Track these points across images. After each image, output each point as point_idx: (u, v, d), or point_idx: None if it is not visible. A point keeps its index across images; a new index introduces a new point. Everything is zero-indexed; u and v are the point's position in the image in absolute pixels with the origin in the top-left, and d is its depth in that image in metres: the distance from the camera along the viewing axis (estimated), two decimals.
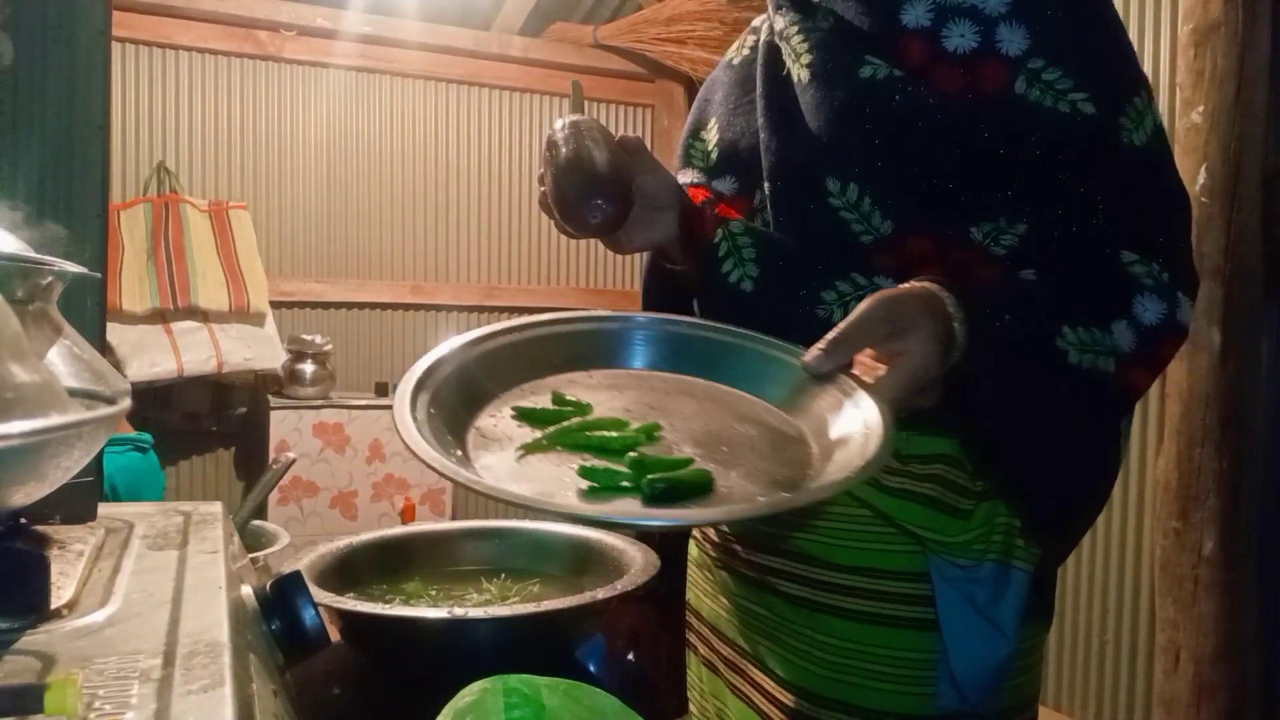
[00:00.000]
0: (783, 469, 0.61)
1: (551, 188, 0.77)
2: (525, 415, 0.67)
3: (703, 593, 0.94)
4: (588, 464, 0.59)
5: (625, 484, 0.57)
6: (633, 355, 0.76)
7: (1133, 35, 2.25)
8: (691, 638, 0.97)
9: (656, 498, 0.56)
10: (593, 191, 0.74)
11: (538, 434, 0.64)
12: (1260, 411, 1.83)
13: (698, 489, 0.57)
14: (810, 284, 0.75)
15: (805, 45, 0.79)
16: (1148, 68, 2.24)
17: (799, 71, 0.79)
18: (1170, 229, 0.75)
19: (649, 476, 0.56)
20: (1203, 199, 1.81)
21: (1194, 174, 1.83)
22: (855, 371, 0.65)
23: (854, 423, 0.61)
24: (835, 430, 0.62)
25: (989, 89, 0.72)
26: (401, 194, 3.72)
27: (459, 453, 0.61)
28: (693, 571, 0.97)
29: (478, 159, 3.85)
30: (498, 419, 0.67)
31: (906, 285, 0.68)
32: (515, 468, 0.61)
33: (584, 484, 0.58)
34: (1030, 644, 0.78)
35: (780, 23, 0.83)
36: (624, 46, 3.77)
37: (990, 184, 0.72)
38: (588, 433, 0.63)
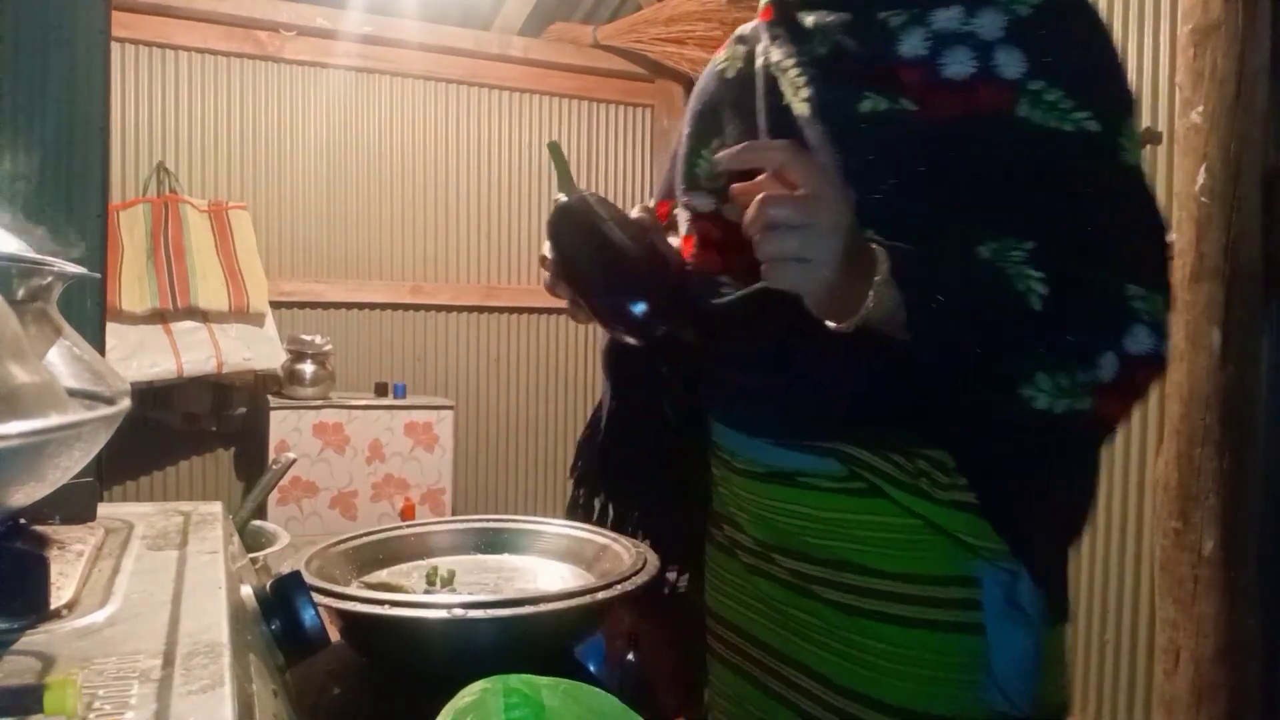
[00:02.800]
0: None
1: (581, 292, 0.78)
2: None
3: (728, 597, 0.93)
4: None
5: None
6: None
7: (1132, 35, 2.25)
8: (714, 643, 0.96)
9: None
10: (638, 296, 0.74)
11: None
12: (1260, 411, 1.83)
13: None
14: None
15: (803, 79, 0.79)
16: (1148, 68, 2.24)
17: (799, 106, 0.79)
18: (1162, 251, 0.76)
19: None
20: (1202, 199, 1.81)
21: (1194, 174, 1.83)
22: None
23: None
24: None
25: (990, 113, 0.72)
26: (401, 194, 3.72)
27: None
28: (716, 576, 0.96)
29: (478, 159, 3.85)
30: None
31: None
32: None
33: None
34: (1053, 641, 0.79)
35: (776, 54, 0.82)
36: (624, 46, 3.77)
37: (996, 206, 0.72)
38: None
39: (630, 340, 0.78)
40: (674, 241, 0.93)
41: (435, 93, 3.77)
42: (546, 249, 0.83)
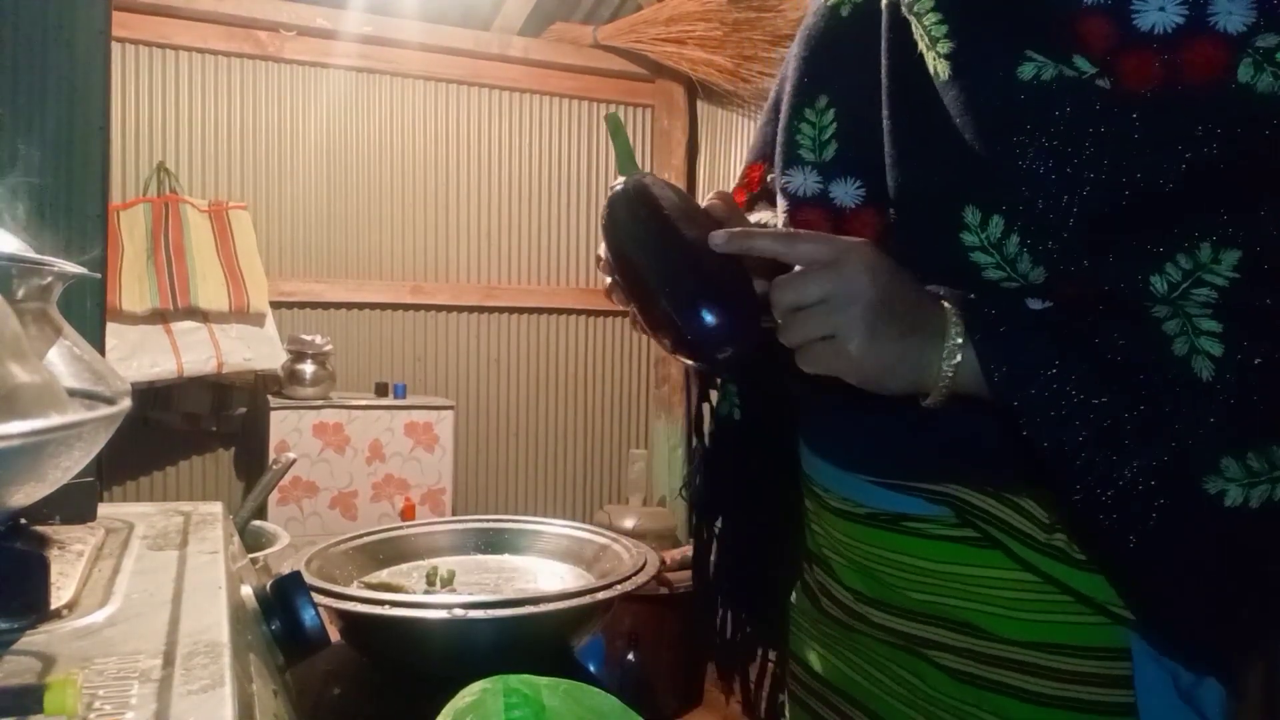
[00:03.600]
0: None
1: (639, 299, 0.63)
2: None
3: (820, 645, 0.80)
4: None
5: None
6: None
7: None
8: (798, 689, 0.84)
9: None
10: (710, 308, 0.58)
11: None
12: None
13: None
14: None
15: (944, 28, 0.61)
16: None
17: (935, 63, 0.61)
18: None
19: None
20: None
21: None
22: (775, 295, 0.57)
23: None
24: None
25: (1201, 79, 0.55)
26: (401, 194, 3.72)
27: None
28: (805, 620, 0.84)
29: (478, 159, 3.85)
30: None
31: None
32: None
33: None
34: None
35: None
36: (624, 46, 3.77)
37: (1194, 205, 0.55)
38: None
39: (687, 361, 0.65)
40: (767, 219, 0.78)
41: (435, 93, 3.77)
42: (602, 246, 0.69)
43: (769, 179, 0.81)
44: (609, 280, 0.69)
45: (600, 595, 0.75)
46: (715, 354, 0.60)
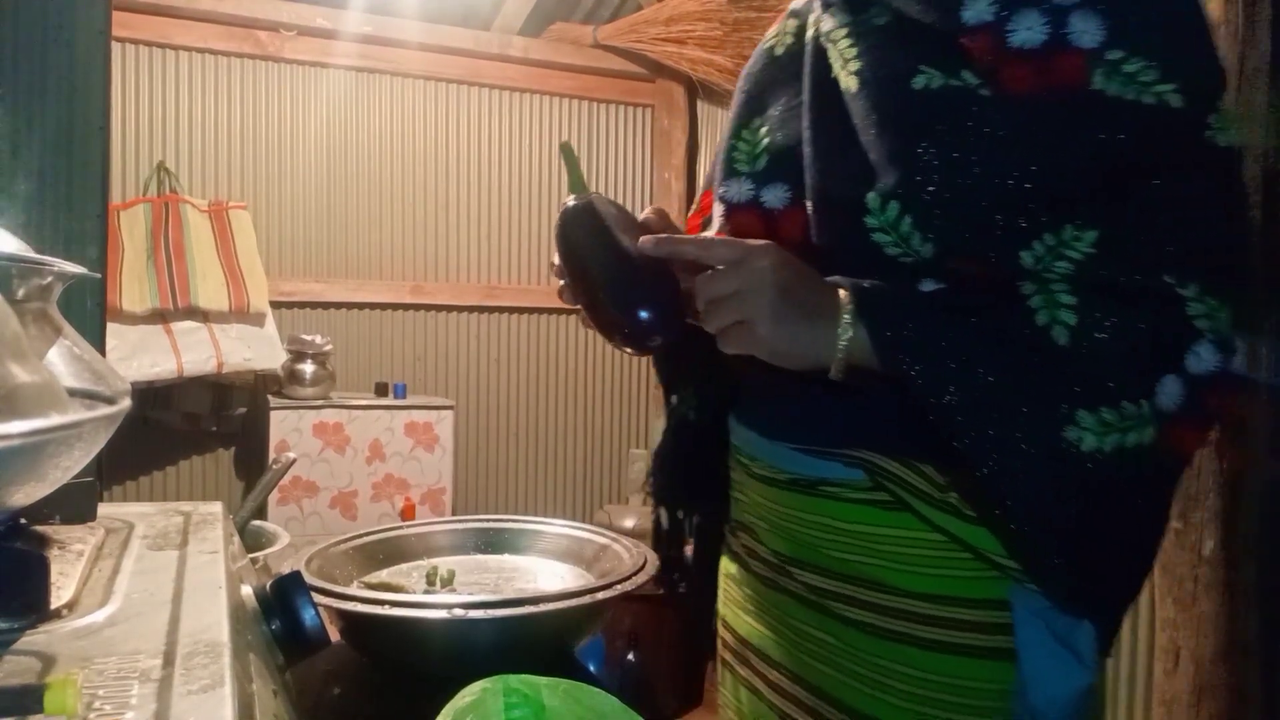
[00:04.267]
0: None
1: (585, 297, 0.74)
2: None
3: (743, 610, 0.88)
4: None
5: None
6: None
7: None
8: (727, 655, 0.91)
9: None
10: (642, 305, 0.71)
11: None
12: (1260, 411, 1.83)
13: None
14: None
15: (854, 50, 0.73)
16: None
17: (846, 80, 0.73)
18: (1242, 251, 0.68)
19: None
20: None
21: None
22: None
23: None
24: None
25: (1063, 86, 0.65)
26: (401, 194, 3.72)
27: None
28: (730, 587, 0.91)
29: (478, 159, 3.85)
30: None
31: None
32: None
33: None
34: (1101, 679, 0.73)
35: (828, 23, 0.77)
36: (624, 46, 3.77)
37: (1057, 193, 0.65)
38: None
39: (627, 350, 0.77)
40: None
41: (435, 93, 3.77)
42: (555, 255, 0.81)
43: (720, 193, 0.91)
44: (561, 283, 0.79)
45: (600, 595, 0.75)
46: (648, 342, 0.73)
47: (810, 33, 0.79)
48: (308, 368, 3.31)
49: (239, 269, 3.24)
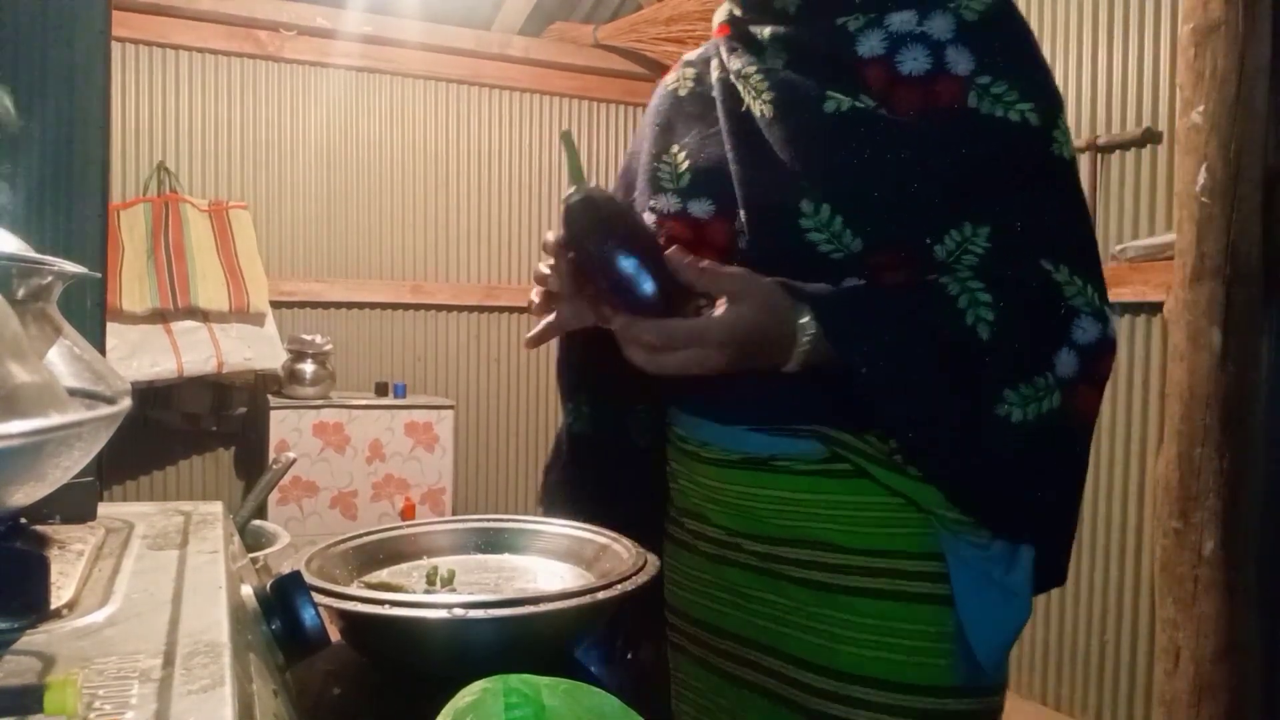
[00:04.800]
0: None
1: (593, 271, 0.79)
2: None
3: (691, 592, 0.95)
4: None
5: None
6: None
7: (1133, 35, 2.25)
8: (678, 639, 0.97)
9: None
10: (661, 290, 0.76)
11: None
12: (1260, 411, 1.83)
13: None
14: None
15: (765, 83, 0.84)
16: (1148, 68, 2.24)
17: (761, 107, 0.84)
18: (1093, 242, 0.83)
19: None
20: (1203, 199, 1.81)
21: (1194, 174, 1.83)
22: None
23: None
24: None
25: (945, 104, 0.79)
26: (401, 194, 3.73)
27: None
28: (677, 573, 0.97)
29: (478, 159, 3.85)
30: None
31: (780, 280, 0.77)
32: None
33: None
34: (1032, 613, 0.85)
35: (736, 63, 0.88)
36: (624, 46, 3.77)
37: (953, 193, 0.78)
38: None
39: (617, 320, 0.81)
40: None
41: (435, 93, 3.77)
42: (550, 238, 0.85)
43: None
44: (552, 263, 0.84)
45: (600, 595, 0.75)
46: (646, 314, 0.78)
47: (716, 74, 0.91)
48: (308, 367, 3.31)
49: (239, 269, 3.24)
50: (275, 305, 3.38)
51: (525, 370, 3.96)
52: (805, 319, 0.75)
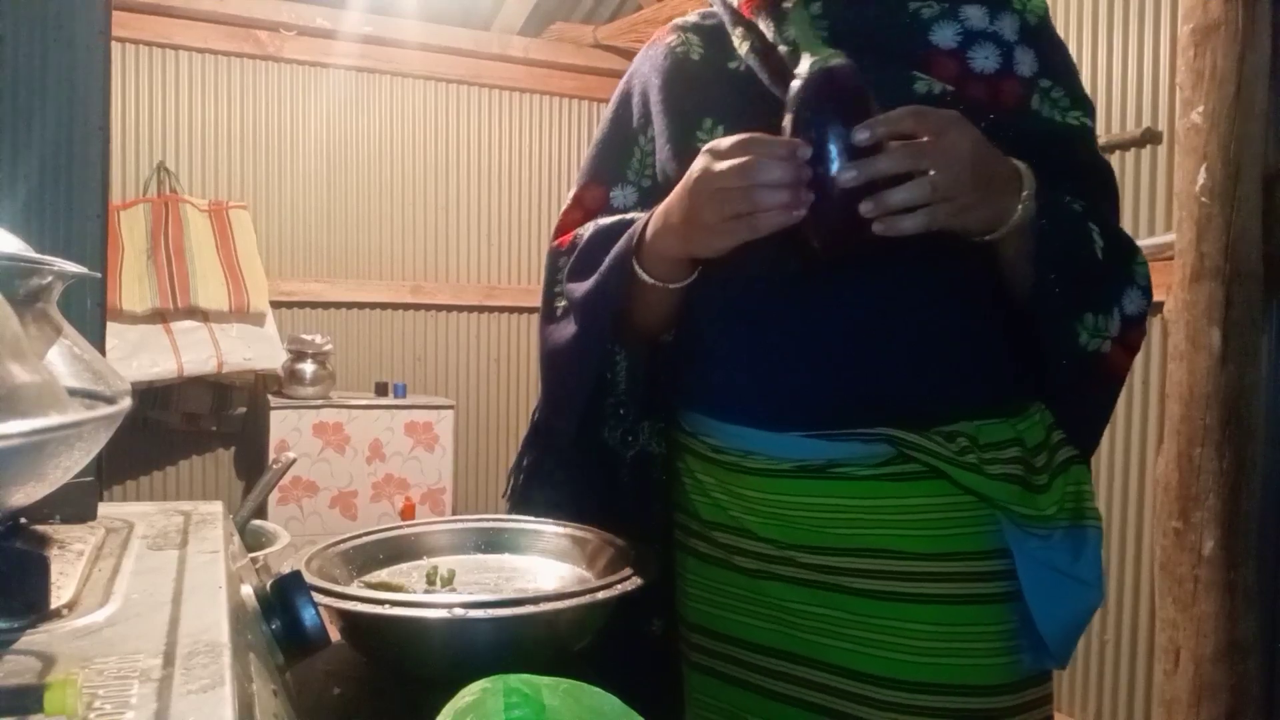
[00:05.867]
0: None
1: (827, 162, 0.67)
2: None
3: (721, 609, 0.90)
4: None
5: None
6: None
7: (1133, 35, 2.25)
8: (696, 655, 0.92)
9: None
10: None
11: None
12: (1260, 411, 1.83)
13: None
14: None
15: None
16: (1148, 68, 2.24)
17: None
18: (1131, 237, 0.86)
19: None
20: (1203, 199, 1.82)
21: (1194, 174, 1.83)
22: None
23: None
24: None
25: (1010, 105, 0.81)
26: (401, 194, 3.73)
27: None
28: (703, 589, 0.92)
29: (478, 159, 3.85)
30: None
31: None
32: None
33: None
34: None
35: (792, 31, 0.81)
36: (624, 46, 3.77)
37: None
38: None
39: (825, 247, 0.71)
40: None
41: (435, 93, 3.77)
42: (788, 123, 0.70)
43: (611, 197, 0.96)
44: (780, 152, 0.69)
45: (600, 595, 0.75)
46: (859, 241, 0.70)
47: (748, 44, 0.84)
48: (308, 367, 3.31)
49: (239, 269, 3.24)
50: (275, 305, 3.38)
51: (525, 370, 3.96)
52: (1024, 167, 0.74)
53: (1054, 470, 0.81)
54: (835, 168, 0.67)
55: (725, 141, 0.72)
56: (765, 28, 0.84)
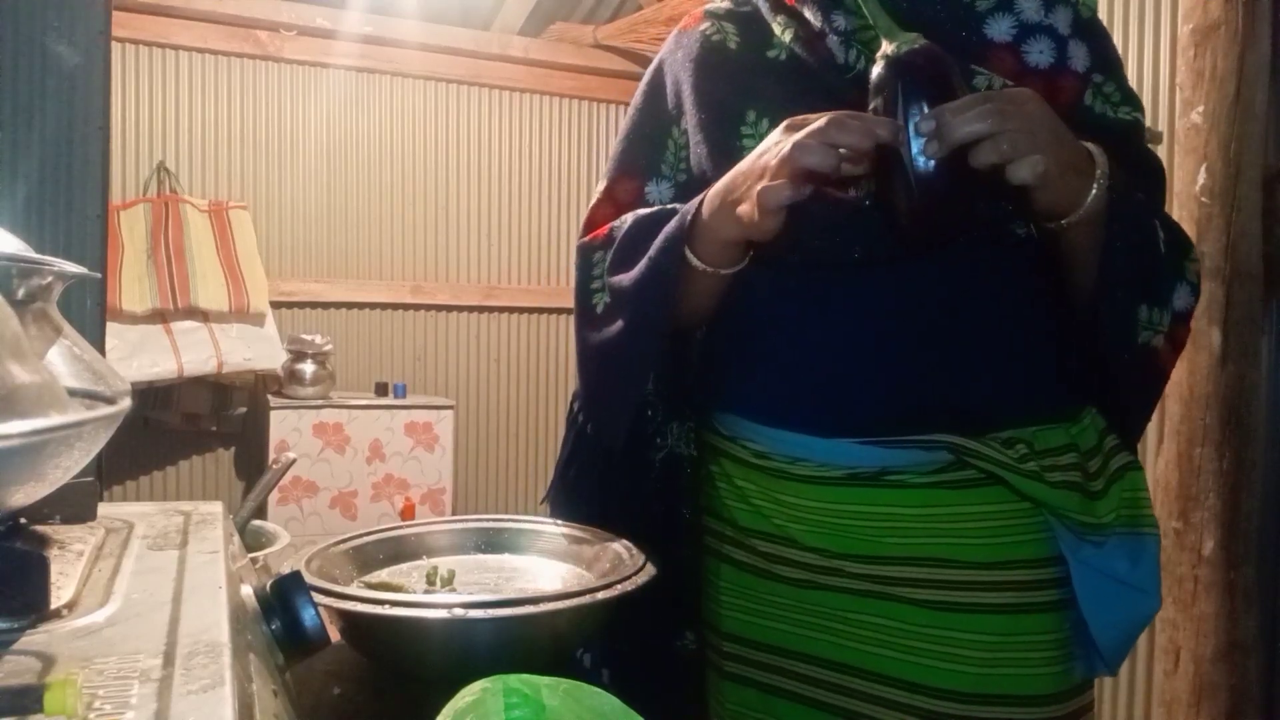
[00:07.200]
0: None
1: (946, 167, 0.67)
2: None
3: (761, 618, 0.87)
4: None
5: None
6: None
7: (1133, 35, 2.25)
8: (729, 664, 0.89)
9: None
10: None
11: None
12: (1260, 411, 1.83)
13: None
14: None
15: None
16: (1148, 68, 2.24)
17: None
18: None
19: None
20: (1202, 199, 1.81)
21: (1194, 174, 1.83)
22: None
23: None
24: None
25: (1065, 100, 0.78)
26: (401, 194, 3.73)
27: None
28: (744, 598, 0.89)
29: (478, 159, 3.85)
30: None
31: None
32: None
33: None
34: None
35: (841, 22, 0.80)
36: (624, 46, 3.77)
37: None
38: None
39: (914, 225, 0.71)
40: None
41: (435, 93, 3.77)
42: (877, 105, 0.70)
43: (646, 192, 0.92)
44: (874, 120, 0.69)
45: (600, 595, 0.75)
46: (959, 220, 0.73)
47: (791, 32, 0.83)
48: (308, 367, 3.31)
49: (239, 269, 3.24)
50: (275, 305, 3.38)
51: (525, 370, 3.96)
52: (1096, 149, 0.72)
53: (1110, 476, 0.80)
54: (927, 144, 0.66)
55: (816, 118, 0.69)
56: (813, 16, 0.82)
